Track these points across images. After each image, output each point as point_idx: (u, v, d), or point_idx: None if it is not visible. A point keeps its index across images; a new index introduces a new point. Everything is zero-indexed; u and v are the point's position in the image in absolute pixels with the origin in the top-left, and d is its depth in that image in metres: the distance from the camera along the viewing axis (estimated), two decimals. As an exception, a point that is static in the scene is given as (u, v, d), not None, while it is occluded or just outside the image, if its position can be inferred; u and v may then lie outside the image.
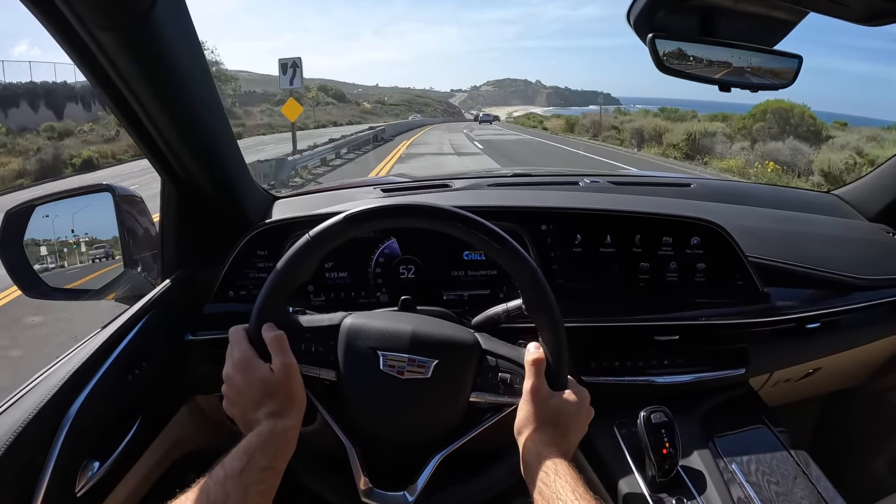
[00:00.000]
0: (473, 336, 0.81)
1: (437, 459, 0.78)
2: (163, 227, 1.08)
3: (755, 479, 0.94)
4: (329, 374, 0.77)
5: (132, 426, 0.92)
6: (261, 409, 0.70)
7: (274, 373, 0.71)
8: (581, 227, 1.15)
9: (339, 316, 0.80)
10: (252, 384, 0.71)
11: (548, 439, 0.70)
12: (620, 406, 1.01)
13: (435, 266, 1.15)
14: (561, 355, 0.75)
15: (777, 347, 1.18)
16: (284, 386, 0.71)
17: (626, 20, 0.88)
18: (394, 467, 0.80)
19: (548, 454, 0.67)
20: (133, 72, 0.76)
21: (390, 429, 0.81)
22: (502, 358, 0.79)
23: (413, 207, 0.78)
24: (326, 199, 1.46)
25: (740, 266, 1.15)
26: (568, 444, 0.72)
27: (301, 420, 0.72)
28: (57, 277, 1.12)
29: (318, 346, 0.77)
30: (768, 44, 0.94)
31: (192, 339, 1.05)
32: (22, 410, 0.74)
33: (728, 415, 1.09)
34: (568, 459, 0.68)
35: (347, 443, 0.78)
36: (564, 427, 0.72)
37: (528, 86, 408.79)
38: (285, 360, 0.72)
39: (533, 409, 0.72)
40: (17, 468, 0.71)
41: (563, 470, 0.64)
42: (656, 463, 0.88)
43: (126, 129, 0.89)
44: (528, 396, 0.73)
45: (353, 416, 0.79)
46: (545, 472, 0.65)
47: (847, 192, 1.64)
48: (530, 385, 0.73)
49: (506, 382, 0.77)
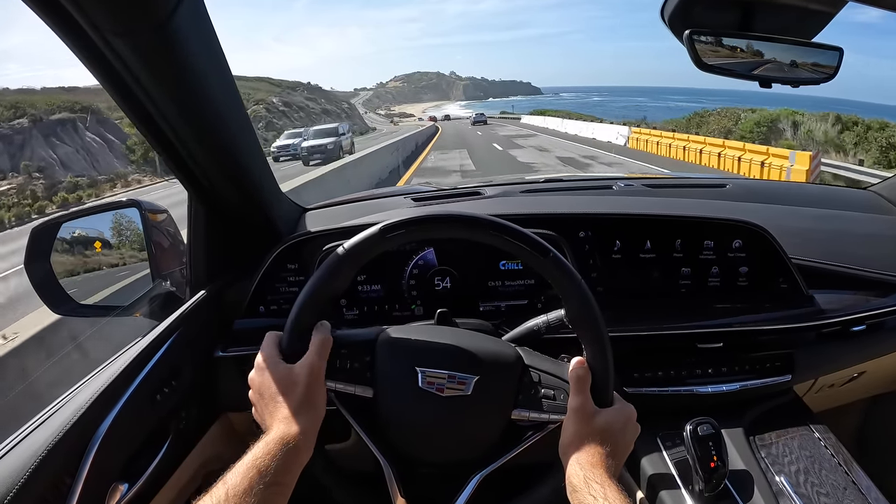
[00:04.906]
0: (515, 350, 0.79)
1: (476, 480, 0.76)
2: (191, 242, 1.08)
3: (804, 491, 0.90)
4: (365, 392, 0.75)
5: (162, 446, 0.91)
6: (275, 413, 0.68)
7: (295, 371, 0.70)
8: (620, 233, 1.13)
9: (375, 331, 0.78)
10: (270, 383, 0.70)
11: (595, 460, 0.67)
12: (663, 417, 0.98)
13: (471, 276, 1.13)
14: (607, 370, 0.72)
15: (822, 352, 1.14)
16: (304, 386, 0.69)
17: (661, 18, 0.86)
18: (431, 487, 0.78)
19: (595, 477, 0.64)
20: (151, 82, 0.75)
21: (428, 448, 0.78)
22: (545, 373, 0.76)
23: (453, 217, 0.75)
24: (357, 209, 1.45)
25: (784, 269, 1.12)
26: (615, 463, 0.69)
27: (317, 427, 0.70)
28: (84, 293, 1.12)
29: (354, 362, 0.75)
30: (806, 36, 0.91)
31: (222, 355, 1.04)
32: (48, 432, 0.73)
33: (774, 423, 1.05)
34: (615, 479, 0.65)
35: (384, 461, 0.76)
36: (611, 446, 0.69)
37: (442, 78, 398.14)
38: (312, 360, 0.71)
39: (578, 427, 0.70)
40: (43, 492, 0.70)
41: (613, 495, 0.62)
42: (703, 477, 0.85)
43: (151, 145, 0.88)
44: (572, 414, 0.71)
45: (390, 434, 0.77)
46: (594, 497, 0.62)
47: (885, 187, 1.60)
48: (575, 403, 0.71)
49: (549, 398, 0.74)
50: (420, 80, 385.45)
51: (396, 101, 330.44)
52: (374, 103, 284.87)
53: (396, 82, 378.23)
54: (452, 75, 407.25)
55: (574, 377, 0.72)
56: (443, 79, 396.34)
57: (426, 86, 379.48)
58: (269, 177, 1.11)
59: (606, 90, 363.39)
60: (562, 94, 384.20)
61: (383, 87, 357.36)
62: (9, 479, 0.66)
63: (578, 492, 0.64)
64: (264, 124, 58.70)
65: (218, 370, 1.05)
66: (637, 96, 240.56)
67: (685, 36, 0.82)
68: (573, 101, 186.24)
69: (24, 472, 0.67)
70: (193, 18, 0.73)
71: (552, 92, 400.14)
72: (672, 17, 0.84)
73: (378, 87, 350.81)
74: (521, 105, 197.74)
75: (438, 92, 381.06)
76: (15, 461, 0.68)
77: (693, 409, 0.93)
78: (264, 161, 1.08)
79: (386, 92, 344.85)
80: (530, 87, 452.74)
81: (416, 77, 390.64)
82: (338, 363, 0.74)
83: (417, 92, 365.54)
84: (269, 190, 1.12)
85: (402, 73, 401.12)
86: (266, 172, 1.09)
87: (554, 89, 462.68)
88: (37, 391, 1.97)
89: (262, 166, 1.06)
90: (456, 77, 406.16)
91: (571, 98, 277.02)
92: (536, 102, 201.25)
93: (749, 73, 0.85)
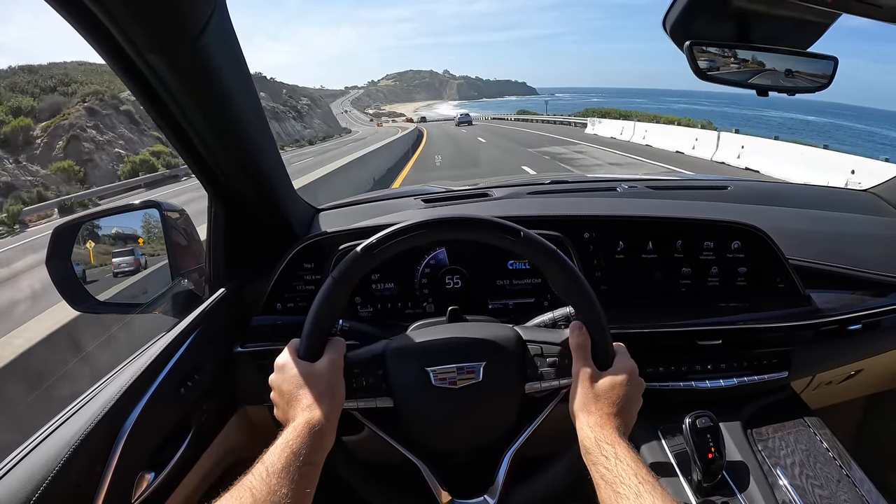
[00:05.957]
0: (513, 330, 0.82)
1: (509, 456, 0.79)
2: (210, 242, 1.11)
3: (799, 483, 0.93)
4: (385, 402, 0.78)
5: (185, 437, 0.95)
6: (298, 404, 0.70)
7: (316, 367, 0.73)
8: (623, 234, 1.16)
9: (381, 346, 0.81)
10: (290, 379, 0.73)
11: (603, 421, 0.69)
12: (664, 411, 1.00)
13: (480, 275, 1.16)
14: (603, 332, 0.75)
15: (819, 350, 1.17)
16: (325, 378, 0.72)
17: (662, 28, 0.89)
18: (469, 475, 0.81)
19: (605, 437, 0.67)
20: (182, 93, 0.79)
21: (457, 438, 0.82)
22: (546, 343, 0.80)
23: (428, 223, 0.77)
24: (369, 210, 1.48)
25: (781, 269, 1.15)
26: (623, 421, 0.71)
27: (338, 415, 0.73)
28: (103, 291, 1.15)
29: (369, 377, 0.78)
30: (802, 46, 0.94)
31: (241, 350, 1.08)
32: (80, 423, 0.76)
33: (771, 418, 1.08)
34: (626, 437, 0.68)
35: (418, 461, 0.79)
36: (618, 405, 0.71)
37: (436, 77, 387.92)
38: (331, 356, 0.74)
39: (584, 392, 0.72)
40: (77, 479, 0.73)
41: (623, 453, 0.64)
42: (702, 468, 0.88)
43: (173, 146, 0.92)
44: (577, 380, 0.74)
45: (418, 434, 0.80)
46: (605, 457, 0.64)
47: (884, 189, 1.62)
48: (578, 368, 0.74)
49: (555, 365, 0.78)
50: (413, 79, 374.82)
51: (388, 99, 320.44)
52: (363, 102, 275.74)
53: (388, 80, 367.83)
54: (446, 74, 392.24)
55: (574, 344, 0.75)
56: (436, 77, 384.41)
57: (419, 84, 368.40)
58: (285, 179, 1.15)
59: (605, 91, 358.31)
60: (557, 94, 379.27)
61: (374, 85, 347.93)
62: (45, 467, 0.69)
63: (591, 453, 0.67)
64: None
65: (237, 365, 1.09)
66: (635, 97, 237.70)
67: (685, 46, 0.85)
68: (571, 103, 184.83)
69: (59, 460, 0.70)
70: (221, 32, 0.77)
71: (548, 93, 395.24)
72: (673, 28, 0.87)
73: (369, 86, 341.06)
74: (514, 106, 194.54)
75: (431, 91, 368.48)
76: (50, 450, 0.72)
77: (692, 404, 0.95)
78: (281, 164, 1.11)
79: (377, 90, 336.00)
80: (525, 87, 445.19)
81: (409, 75, 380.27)
82: (354, 383, 0.77)
83: (410, 91, 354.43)
84: (285, 191, 1.16)
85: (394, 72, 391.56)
86: (283, 175, 1.13)
87: (550, 90, 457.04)
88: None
89: (279, 169, 1.10)
90: (450, 76, 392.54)
91: (570, 99, 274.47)
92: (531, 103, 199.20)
93: (746, 82, 0.88)
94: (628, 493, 0.59)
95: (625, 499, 0.59)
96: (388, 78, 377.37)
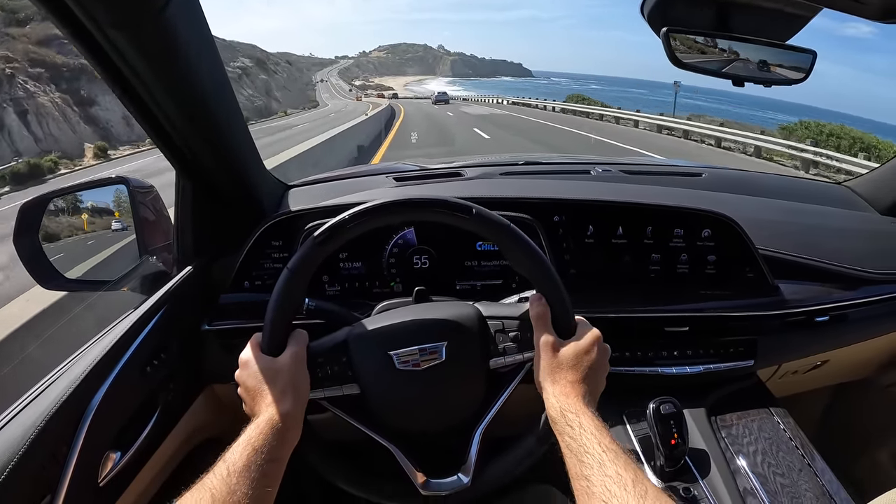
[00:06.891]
0: (473, 308, 0.82)
1: (478, 434, 0.79)
2: (178, 219, 1.09)
3: (761, 471, 0.95)
4: (352, 389, 0.78)
5: (152, 416, 0.94)
6: (263, 400, 0.70)
7: (278, 361, 0.73)
8: (593, 219, 1.16)
9: (343, 333, 0.81)
10: (253, 375, 0.72)
11: (567, 390, 0.69)
12: (630, 395, 1.02)
13: (449, 256, 1.15)
14: (563, 301, 0.75)
15: (786, 340, 1.19)
16: (288, 372, 0.72)
17: (641, 14, 0.88)
18: (441, 455, 0.81)
19: (569, 406, 0.67)
20: (145, 68, 0.76)
21: (426, 419, 0.81)
22: (507, 318, 0.80)
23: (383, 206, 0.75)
24: (340, 187, 1.46)
25: (751, 259, 1.16)
26: (589, 388, 0.71)
27: (303, 409, 0.73)
28: (70, 266, 1.13)
29: (333, 366, 0.78)
30: (782, 38, 0.94)
31: (208, 328, 1.06)
32: (45, 403, 0.75)
33: (736, 406, 1.09)
34: (592, 405, 0.68)
35: (390, 445, 0.79)
36: (583, 371, 0.71)
37: (429, 52, 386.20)
38: (293, 349, 0.74)
39: (547, 362, 0.72)
40: (42, 460, 0.72)
41: (587, 422, 0.64)
42: (664, 453, 0.90)
43: (138, 122, 0.89)
44: (540, 351, 0.74)
45: (387, 418, 0.80)
46: (570, 427, 0.65)
47: (859, 184, 1.64)
48: (540, 338, 0.74)
49: (517, 339, 0.78)
50: (406, 52, 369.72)
51: (378, 72, 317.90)
52: (351, 72, 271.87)
53: (380, 52, 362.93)
54: (440, 49, 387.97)
55: (534, 315, 0.75)
56: (430, 52, 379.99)
57: (412, 58, 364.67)
58: (255, 155, 1.13)
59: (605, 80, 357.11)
60: (553, 78, 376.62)
61: (366, 56, 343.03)
62: (10, 448, 0.68)
63: (557, 423, 0.67)
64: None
65: (204, 343, 1.08)
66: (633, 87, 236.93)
67: (662, 33, 0.85)
68: (569, 87, 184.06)
69: (24, 441, 0.69)
70: (186, 3, 0.74)
71: (544, 76, 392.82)
72: (651, 14, 0.87)
73: (360, 56, 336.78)
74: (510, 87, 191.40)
75: (424, 65, 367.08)
76: (14, 431, 0.71)
77: (658, 389, 0.97)
78: (250, 139, 1.09)
79: (368, 62, 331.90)
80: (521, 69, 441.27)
81: (402, 48, 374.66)
82: (319, 373, 0.77)
83: (402, 64, 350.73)
84: (254, 167, 1.14)
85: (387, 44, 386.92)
86: (252, 150, 1.11)
87: (546, 73, 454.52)
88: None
89: (247, 144, 1.08)
90: (444, 52, 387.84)
91: (567, 84, 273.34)
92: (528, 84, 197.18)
93: (721, 71, 0.88)
94: (591, 461, 0.60)
95: (589, 467, 0.60)
96: (380, 49, 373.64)
